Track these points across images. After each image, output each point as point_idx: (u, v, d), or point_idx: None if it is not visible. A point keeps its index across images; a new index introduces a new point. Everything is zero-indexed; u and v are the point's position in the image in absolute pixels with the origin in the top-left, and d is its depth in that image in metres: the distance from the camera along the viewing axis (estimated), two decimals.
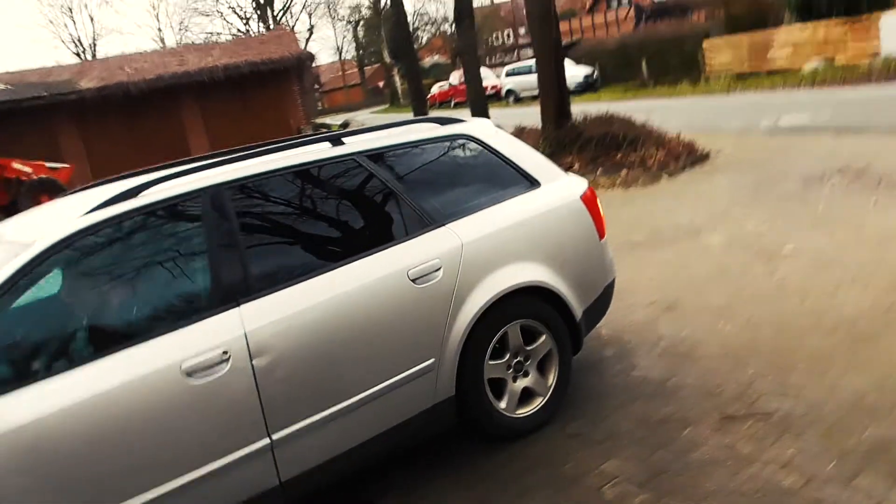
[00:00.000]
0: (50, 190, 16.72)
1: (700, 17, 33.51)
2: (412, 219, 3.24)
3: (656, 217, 7.13)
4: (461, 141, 3.62)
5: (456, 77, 36.63)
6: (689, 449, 3.11)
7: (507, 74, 30.63)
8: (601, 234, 3.73)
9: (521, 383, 3.47)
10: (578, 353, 3.71)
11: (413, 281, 3.08)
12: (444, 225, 3.27)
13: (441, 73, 50.40)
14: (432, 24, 57.75)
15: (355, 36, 63.71)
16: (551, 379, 3.55)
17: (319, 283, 2.91)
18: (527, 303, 3.41)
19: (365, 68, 68.11)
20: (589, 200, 3.71)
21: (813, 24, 18.29)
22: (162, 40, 53.43)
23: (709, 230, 6.38)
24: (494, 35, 64.54)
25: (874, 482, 2.68)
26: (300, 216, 3.19)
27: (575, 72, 25.52)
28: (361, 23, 60.60)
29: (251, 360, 2.68)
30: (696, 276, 5.21)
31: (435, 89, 37.34)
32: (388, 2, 44.55)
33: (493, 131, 3.74)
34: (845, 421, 3.09)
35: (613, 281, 3.92)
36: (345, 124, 25.66)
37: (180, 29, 51.85)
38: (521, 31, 57.78)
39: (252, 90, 24.00)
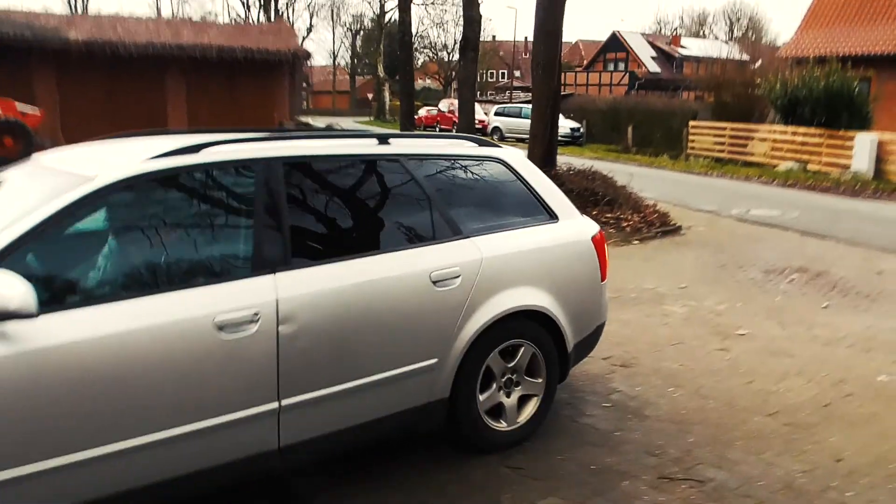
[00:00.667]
0: (16, 133, 16.34)
1: (690, 96, 34.73)
2: (440, 225, 3.48)
3: (624, 278, 7.38)
4: (494, 164, 3.88)
5: (445, 104, 37.09)
6: (625, 500, 3.26)
7: (496, 114, 31.14)
8: (603, 276, 4.03)
9: (508, 400, 3.70)
10: (563, 381, 3.93)
11: (434, 283, 3.30)
12: (468, 237, 3.52)
13: (430, 97, 50.96)
14: (431, 48, 58.45)
15: (353, 44, 64.11)
16: (527, 411, 3.77)
17: (349, 268, 3.10)
18: (527, 325, 3.65)
19: (356, 77, 68.37)
20: (598, 242, 4.02)
21: (793, 127, 19.13)
22: (158, 9, 52.96)
23: (671, 300, 6.64)
24: (489, 72, 65.56)
25: None
26: (340, 202, 3.38)
27: (563, 124, 26.04)
28: (361, 33, 61.01)
29: (277, 326, 2.83)
30: (655, 341, 5.43)
31: (423, 112, 37.68)
32: (394, 18, 44.91)
33: (524, 162, 4.02)
34: (773, 499, 3.28)
35: (604, 323, 4.19)
36: (328, 127, 25.71)
37: (179, 1, 51.39)
38: (517, 73, 58.89)
39: (242, 77, 23.93)
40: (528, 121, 11.52)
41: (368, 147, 3.48)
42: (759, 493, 3.34)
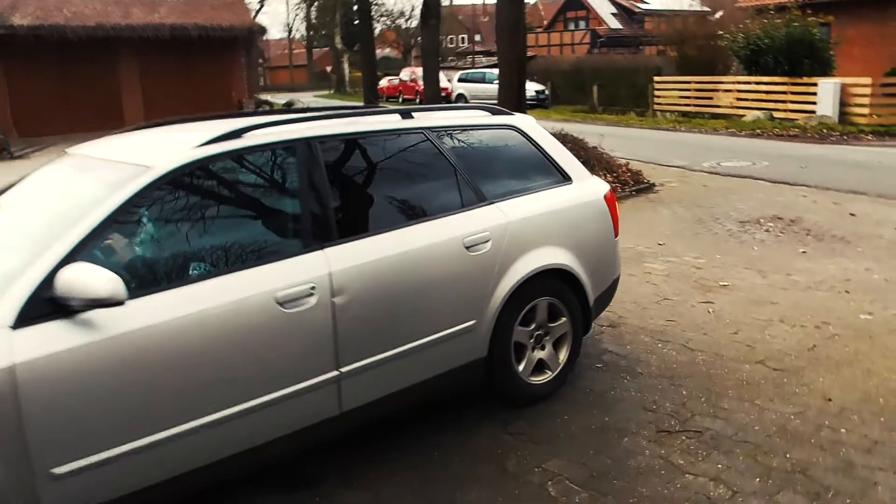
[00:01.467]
0: None
1: (653, 51, 34.80)
2: (467, 193, 3.69)
3: None
4: (508, 131, 4.09)
5: (407, 73, 36.67)
6: (627, 457, 3.35)
7: (460, 80, 30.91)
8: (616, 233, 4.29)
9: (538, 354, 3.92)
10: (588, 334, 4.18)
11: (467, 248, 3.51)
12: (493, 203, 3.72)
13: (390, 66, 50.37)
14: (388, 16, 57.64)
15: (308, 16, 62.90)
16: (563, 355, 4.01)
17: (390, 239, 3.29)
18: (552, 283, 3.88)
19: (313, 50, 67.23)
20: (609, 201, 4.26)
21: (757, 77, 19.32)
22: None
23: (651, 257, 6.73)
24: (449, 37, 64.91)
25: (794, 499, 2.97)
26: (375, 176, 3.58)
27: (528, 87, 26.02)
28: (316, 3, 59.88)
29: (332, 298, 3.00)
30: (639, 300, 5.52)
31: (384, 82, 37.28)
32: None
33: (536, 127, 4.23)
34: (770, 443, 3.40)
35: (619, 277, 4.47)
36: (289, 103, 25.38)
37: None
38: (477, 38, 58.44)
39: (197, 56, 23.44)
40: (493, 86, 11.53)
41: (394, 122, 3.68)
42: (756, 438, 3.45)
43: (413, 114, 3.78)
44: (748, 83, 19.71)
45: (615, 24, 50.70)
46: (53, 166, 3.44)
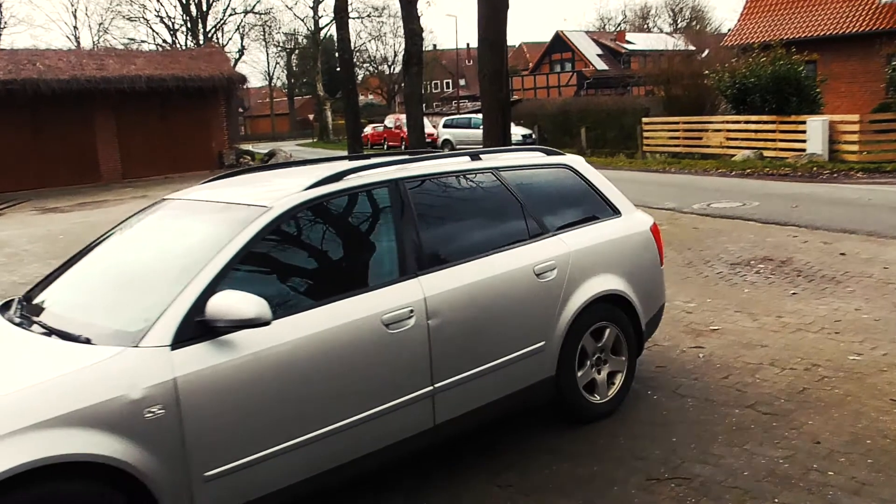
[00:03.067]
0: None
1: (640, 91, 35.59)
2: (532, 225, 4.22)
3: None
4: (563, 170, 4.66)
5: (391, 120, 37.31)
6: None
7: (445, 125, 31.50)
8: (661, 262, 4.86)
9: (600, 375, 4.41)
10: (640, 355, 4.70)
11: (537, 276, 4.02)
12: (555, 234, 4.26)
13: (374, 112, 51.19)
14: (371, 62, 58.76)
15: (288, 64, 63.98)
16: (618, 381, 4.50)
17: (472, 267, 3.80)
18: (609, 308, 4.39)
19: (294, 98, 68.17)
20: (655, 232, 4.82)
21: (745, 116, 19.87)
22: (77, 40, 52.17)
23: None
24: (433, 83, 66.10)
25: None
26: (455, 211, 4.12)
27: (514, 131, 26.52)
28: (297, 51, 60.95)
29: (427, 320, 3.49)
30: None
31: (369, 129, 37.86)
32: (330, 33, 45.02)
33: (586, 165, 4.80)
34: (759, 488, 3.52)
35: (664, 304, 5.01)
36: (271, 153, 25.68)
37: (100, 30, 50.60)
38: (462, 82, 59.58)
39: (175, 106, 23.83)
40: (479, 131, 11.78)
41: (466, 164, 4.26)
42: (745, 483, 3.57)
43: (481, 156, 4.32)
44: (737, 122, 20.25)
45: (601, 65, 51.89)
46: (157, 210, 3.98)
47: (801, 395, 4.56)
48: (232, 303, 2.84)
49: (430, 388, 3.51)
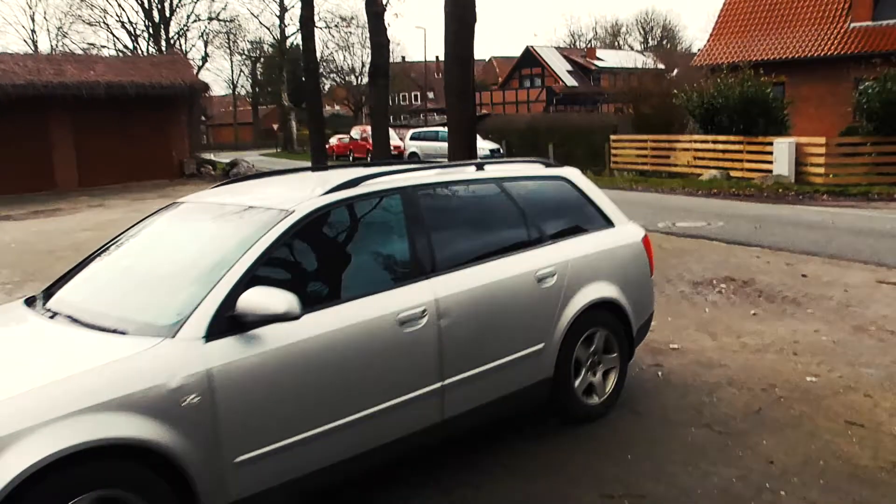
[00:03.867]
0: None
1: (610, 108, 36.14)
2: (533, 233, 4.51)
3: None
4: (560, 182, 4.94)
5: (357, 132, 37.35)
6: None
7: (412, 138, 31.63)
8: (651, 272, 5.16)
9: (594, 378, 4.68)
10: (631, 359, 5.01)
11: (538, 281, 4.31)
12: (554, 242, 4.55)
13: (340, 124, 51.16)
14: (338, 72, 58.76)
15: (253, 72, 63.72)
16: (612, 380, 4.79)
17: (478, 271, 4.08)
18: (602, 315, 4.67)
19: (259, 107, 67.87)
20: (646, 243, 5.13)
21: (713, 136, 20.29)
22: (35, 44, 51.33)
23: None
24: (401, 94, 66.31)
25: None
26: (462, 217, 4.40)
27: (482, 146, 26.75)
28: (262, 60, 60.74)
29: (438, 320, 3.76)
30: None
31: (334, 140, 37.84)
32: (296, 42, 44.95)
33: (583, 178, 5.10)
34: None
35: (653, 312, 5.34)
36: (233, 163, 25.53)
37: (58, 35, 49.71)
38: (430, 95, 59.89)
39: (135, 114, 23.59)
40: (446, 144, 11.87)
41: (472, 173, 4.54)
42: (697, 502, 3.66)
43: (485, 166, 4.61)
44: (705, 142, 20.66)
45: (571, 81, 52.58)
46: (174, 211, 4.23)
47: (757, 416, 4.68)
48: (263, 298, 3.09)
49: (440, 384, 3.78)
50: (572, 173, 5.04)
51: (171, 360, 2.95)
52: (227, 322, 3.10)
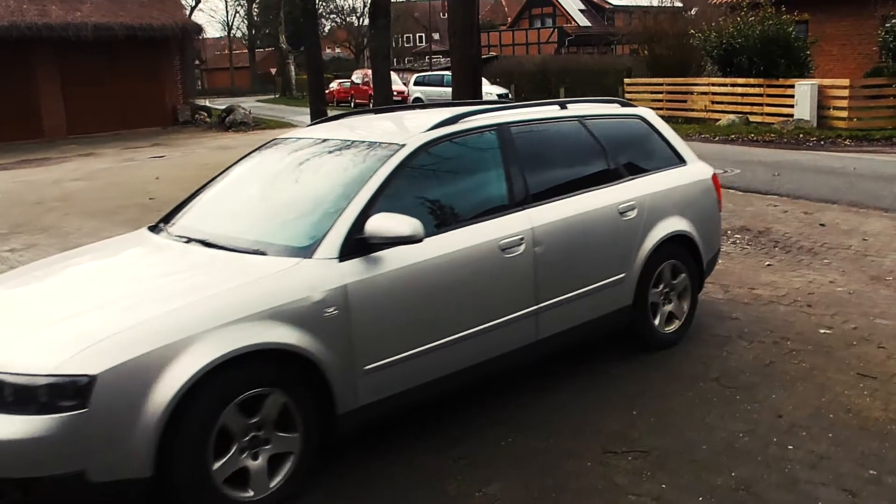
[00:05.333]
0: None
1: (624, 50, 35.59)
2: (614, 169, 4.90)
3: None
4: (636, 120, 5.34)
5: (359, 76, 36.94)
6: (571, 478, 3.57)
7: (416, 83, 31.33)
8: (720, 207, 5.56)
9: (667, 308, 5.12)
10: (701, 291, 5.46)
11: (620, 214, 4.73)
12: (632, 179, 4.95)
13: (341, 67, 50.69)
14: (338, 13, 57.97)
15: (249, 13, 62.83)
16: (684, 309, 5.22)
17: (567, 204, 4.50)
18: (677, 248, 5.09)
19: (255, 51, 67.08)
20: (715, 181, 5.52)
21: (732, 79, 20.00)
22: None
23: None
24: (405, 36, 65.46)
25: None
26: (550, 153, 4.74)
27: (489, 90, 26.51)
28: (258, 0, 59.84)
29: (534, 248, 4.20)
30: None
31: (334, 85, 37.50)
32: None
33: (657, 118, 5.49)
34: (716, 461, 3.66)
35: (720, 249, 5.79)
36: (229, 109, 25.35)
37: None
38: (436, 36, 59.05)
39: (124, 58, 23.40)
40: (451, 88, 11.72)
41: (557, 112, 4.94)
42: (703, 456, 3.70)
43: (568, 105, 5.03)
44: (723, 85, 20.39)
45: (584, 21, 51.69)
46: (276, 147, 4.73)
47: (767, 369, 4.71)
48: (390, 223, 3.52)
49: (535, 307, 4.23)
50: (647, 113, 5.43)
51: (312, 276, 3.42)
52: (357, 244, 3.53)
